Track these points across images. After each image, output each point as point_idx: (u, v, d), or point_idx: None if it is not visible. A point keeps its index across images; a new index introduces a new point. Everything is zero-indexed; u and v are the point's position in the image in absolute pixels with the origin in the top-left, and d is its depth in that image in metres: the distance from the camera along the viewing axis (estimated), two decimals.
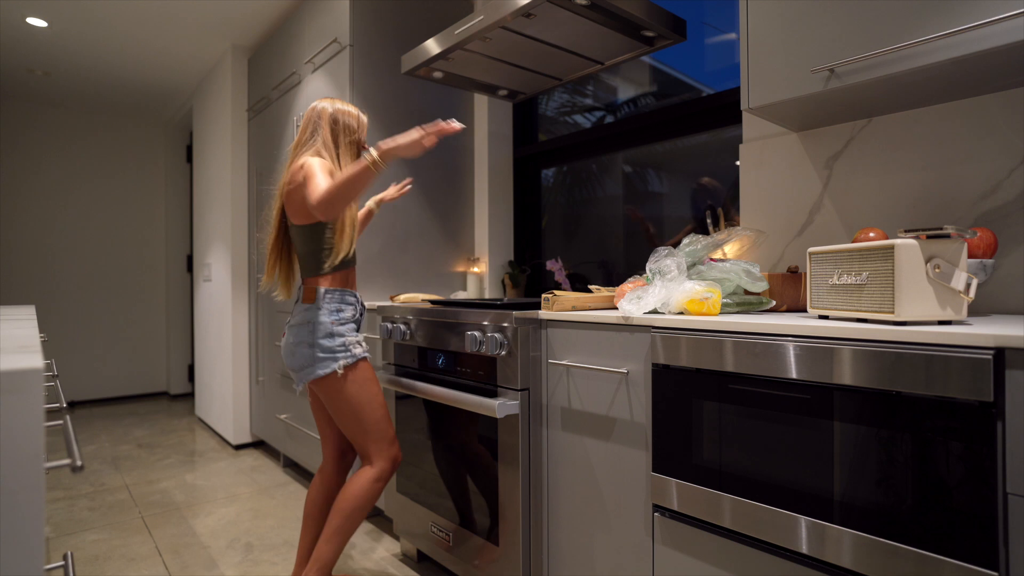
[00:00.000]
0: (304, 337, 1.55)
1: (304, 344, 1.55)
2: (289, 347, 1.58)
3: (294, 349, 1.57)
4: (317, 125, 1.63)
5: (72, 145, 4.59)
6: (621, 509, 1.35)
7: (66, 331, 4.58)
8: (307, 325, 1.56)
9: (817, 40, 1.23)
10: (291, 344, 1.58)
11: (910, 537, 0.89)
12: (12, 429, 0.50)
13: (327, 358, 1.55)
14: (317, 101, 1.68)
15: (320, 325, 1.55)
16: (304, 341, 1.55)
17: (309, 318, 1.56)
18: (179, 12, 2.98)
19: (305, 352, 1.55)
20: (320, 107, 1.65)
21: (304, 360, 1.55)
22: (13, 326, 1.04)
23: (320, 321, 1.55)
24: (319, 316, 1.56)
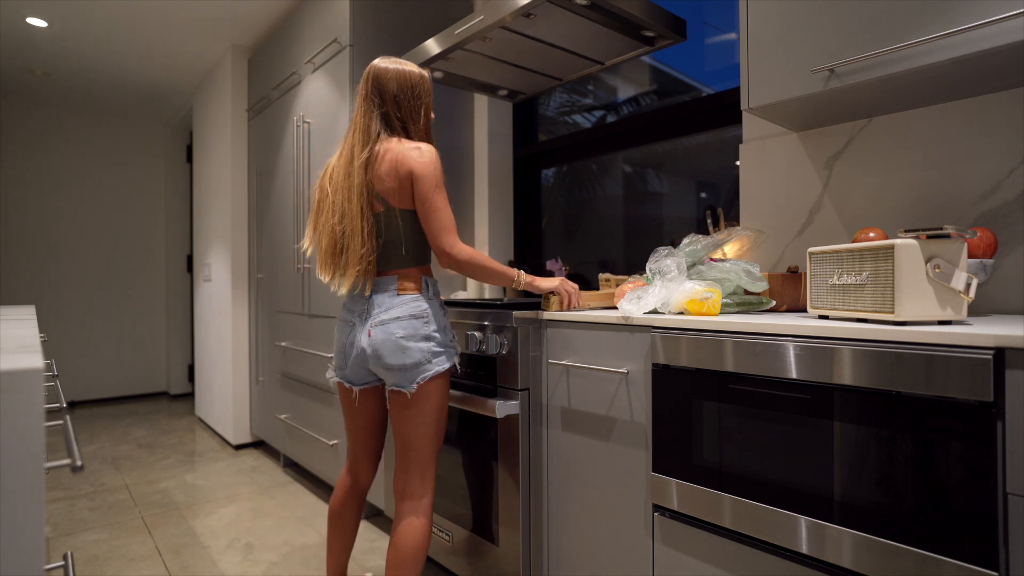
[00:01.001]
0: (419, 329, 1.39)
1: (418, 337, 1.39)
2: (396, 345, 1.38)
3: (406, 345, 1.38)
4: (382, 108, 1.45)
5: (72, 145, 4.59)
6: (621, 509, 1.35)
7: (66, 331, 4.58)
8: (421, 317, 1.40)
9: (817, 40, 1.23)
10: (399, 339, 1.38)
11: (910, 537, 0.89)
12: (12, 429, 0.50)
13: (443, 352, 1.42)
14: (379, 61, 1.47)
15: (436, 316, 1.42)
16: (419, 334, 1.39)
17: (422, 309, 1.41)
18: (179, 12, 2.98)
19: (421, 346, 1.39)
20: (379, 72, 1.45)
21: (421, 355, 1.39)
22: (13, 326, 1.04)
23: (435, 311, 1.43)
24: (433, 306, 1.43)
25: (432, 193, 1.39)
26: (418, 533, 1.41)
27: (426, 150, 1.41)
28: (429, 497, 1.45)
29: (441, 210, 1.40)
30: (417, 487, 1.44)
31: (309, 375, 2.65)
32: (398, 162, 1.40)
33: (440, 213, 1.40)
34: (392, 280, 1.43)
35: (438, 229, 1.40)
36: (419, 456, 1.43)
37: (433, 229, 1.40)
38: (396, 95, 1.46)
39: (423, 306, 1.42)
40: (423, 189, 1.39)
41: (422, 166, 1.39)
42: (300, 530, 2.28)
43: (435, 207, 1.40)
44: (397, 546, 1.40)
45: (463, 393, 1.63)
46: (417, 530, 1.41)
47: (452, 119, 2.58)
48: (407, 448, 1.44)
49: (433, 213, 1.40)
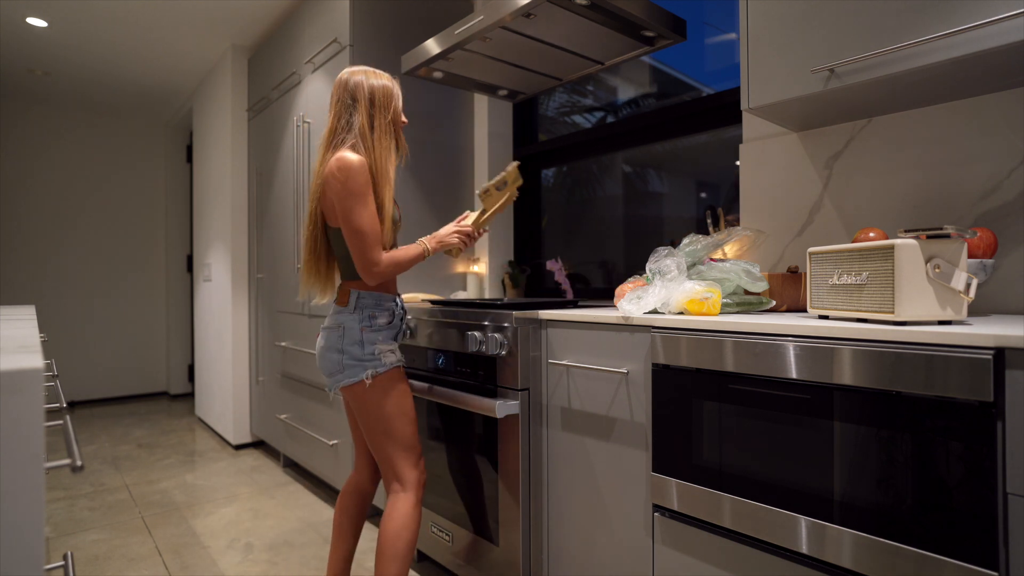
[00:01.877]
0: (333, 342, 1.47)
1: (333, 349, 1.47)
2: (320, 351, 1.51)
3: (324, 354, 1.49)
4: (352, 109, 1.47)
5: (72, 145, 4.59)
6: (621, 509, 1.35)
7: (66, 331, 4.58)
8: (337, 329, 1.48)
9: (817, 40, 1.23)
10: (321, 348, 1.50)
11: (910, 537, 0.89)
12: (12, 429, 0.50)
13: (355, 365, 1.46)
14: (348, 73, 1.50)
15: (349, 331, 1.47)
16: (333, 346, 1.47)
17: (340, 322, 1.48)
18: (179, 12, 2.98)
19: (334, 358, 1.47)
20: (354, 82, 1.48)
21: (333, 366, 1.47)
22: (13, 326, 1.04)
23: (350, 326, 1.47)
24: (349, 321, 1.47)
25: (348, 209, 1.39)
26: (397, 524, 1.45)
27: (344, 162, 1.38)
28: (409, 493, 1.48)
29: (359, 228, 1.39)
30: (393, 483, 1.49)
31: (309, 375, 2.65)
32: (325, 177, 1.43)
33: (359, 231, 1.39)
34: (338, 292, 1.53)
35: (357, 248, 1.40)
36: (380, 454, 1.49)
37: (354, 248, 1.41)
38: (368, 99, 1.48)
39: (340, 320, 1.48)
40: (339, 207, 1.40)
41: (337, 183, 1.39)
42: (300, 530, 2.28)
43: (351, 226, 1.39)
44: (381, 535, 1.47)
45: (463, 393, 1.63)
46: (395, 521, 1.45)
47: (452, 119, 2.58)
48: (371, 445, 1.51)
49: (351, 233, 1.40)
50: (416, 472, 1.50)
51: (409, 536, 1.45)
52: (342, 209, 1.40)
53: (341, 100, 1.49)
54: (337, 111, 1.49)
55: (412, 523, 1.46)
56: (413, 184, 2.44)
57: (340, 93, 1.49)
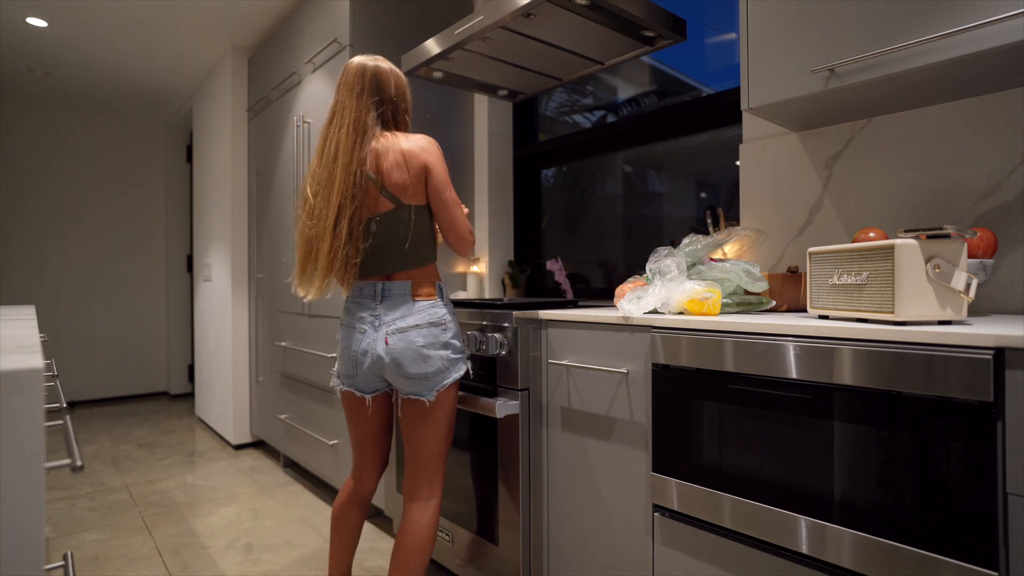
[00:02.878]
0: (437, 337, 1.37)
1: (438, 346, 1.36)
2: (415, 352, 1.35)
3: (426, 352, 1.35)
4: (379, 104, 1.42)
5: (72, 145, 4.59)
6: (621, 509, 1.35)
7: (66, 331, 4.58)
8: (439, 324, 1.37)
9: (817, 40, 1.23)
10: (419, 348, 1.35)
11: (910, 537, 0.89)
12: (12, 429, 0.50)
13: (459, 359, 1.40)
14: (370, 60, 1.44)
15: (451, 323, 1.40)
16: (438, 342, 1.36)
17: (439, 315, 1.37)
18: (179, 12, 2.98)
19: (441, 355, 1.36)
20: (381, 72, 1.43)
21: (442, 363, 1.36)
22: (13, 326, 1.04)
23: (450, 318, 1.40)
24: (447, 313, 1.40)
25: (447, 186, 1.42)
26: (424, 534, 1.40)
27: (433, 143, 1.43)
28: (437, 499, 1.43)
29: (457, 201, 1.44)
30: (425, 490, 1.42)
31: (309, 375, 2.65)
32: (408, 156, 1.37)
33: (457, 204, 1.44)
34: (405, 285, 1.38)
35: (461, 218, 1.43)
36: (430, 461, 1.42)
37: (457, 219, 1.43)
38: (393, 96, 1.46)
39: (441, 313, 1.39)
40: (437, 181, 1.40)
41: (436, 159, 1.41)
42: (300, 530, 2.28)
43: (453, 198, 1.43)
44: (403, 546, 1.39)
45: (463, 393, 1.63)
46: (423, 531, 1.40)
47: (452, 119, 2.58)
48: (419, 454, 1.41)
49: (453, 204, 1.42)
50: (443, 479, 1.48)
51: (433, 544, 1.43)
52: (438, 183, 1.39)
53: (366, 91, 1.41)
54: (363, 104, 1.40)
55: (435, 531, 1.44)
56: None
57: (364, 83, 1.41)
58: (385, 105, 1.45)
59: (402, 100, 1.48)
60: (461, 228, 1.43)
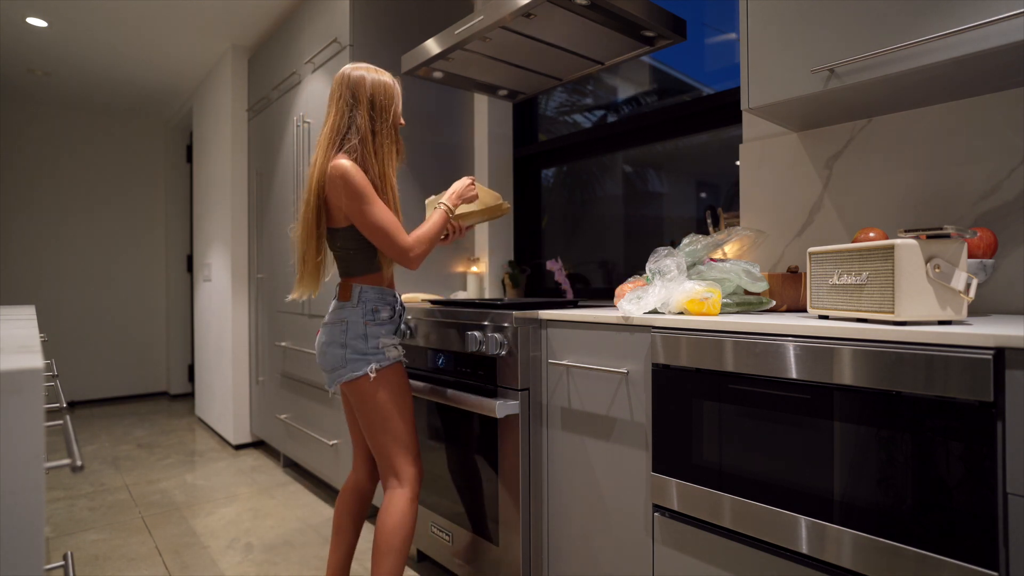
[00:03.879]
0: (336, 337, 1.47)
1: (336, 344, 1.47)
2: (321, 347, 1.50)
3: (325, 349, 1.49)
4: (354, 109, 1.46)
5: (72, 145, 4.59)
6: (621, 509, 1.35)
7: (66, 331, 4.58)
8: (340, 324, 1.47)
9: (817, 40, 1.23)
10: (323, 344, 1.50)
11: (910, 537, 0.89)
12: (12, 429, 0.50)
13: (358, 359, 1.46)
14: (351, 69, 1.49)
15: (353, 324, 1.47)
16: (336, 341, 1.47)
17: (343, 316, 1.48)
18: (179, 12, 2.98)
19: (336, 352, 1.47)
20: (356, 81, 1.47)
21: (335, 361, 1.47)
22: (13, 326, 1.04)
23: (353, 320, 1.47)
24: (353, 315, 1.48)
25: (361, 210, 1.40)
26: (393, 521, 1.45)
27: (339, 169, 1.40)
28: (409, 488, 1.48)
29: (379, 224, 1.41)
30: (390, 477, 1.49)
31: (309, 375, 2.65)
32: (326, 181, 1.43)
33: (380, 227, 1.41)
34: (339, 288, 1.53)
35: (385, 243, 1.42)
36: (378, 448, 1.49)
37: (383, 245, 1.43)
38: (370, 98, 1.47)
39: (343, 315, 1.48)
40: (348, 210, 1.41)
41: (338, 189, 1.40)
42: (300, 530, 2.28)
43: (370, 224, 1.41)
44: (376, 531, 1.46)
45: (463, 393, 1.63)
46: (391, 518, 1.45)
47: (452, 119, 2.58)
48: (369, 441, 1.51)
49: (372, 231, 1.41)
50: (414, 468, 1.50)
51: (406, 532, 1.45)
52: (354, 212, 1.41)
53: (343, 98, 1.47)
54: (339, 109, 1.47)
55: (409, 519, 1.46)
56: (413, 184, 2.44)
57: (342, 90, 1.48)
58: (360, 109, 1.46)
59: (379, 110, 1.48)
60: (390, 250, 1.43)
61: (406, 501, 1.47)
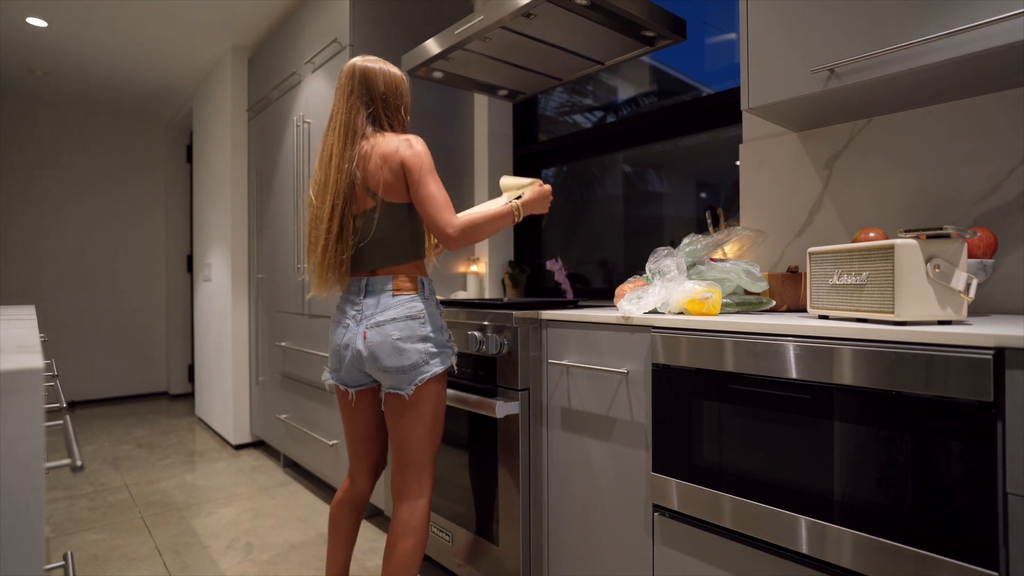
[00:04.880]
0: (416, 330, 1.37)
1: (416, 339, 1.36)
2: (393, 346, 1.36)
3: (403, 346, 1.35)
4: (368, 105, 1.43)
5: (72, 145, 4.59)
6: (621, 509, 1.35)
7: (66, 331, 4.58)
8: (418, 317, 1.37)
9: (817, 40, 1.23)
10: (395, 341, 1.35)
11: (910, 537, 0.89)
12: (12, 429, 0.50)
13: (441, 353, 1.39)
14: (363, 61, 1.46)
15: (432, 316, 1.40)
16: (416, 335, 1.36)
17: (419, 308, 1.38)
18: (179, 12, 2.98)
19: (418, 348, 1.36)
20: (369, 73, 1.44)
21: (419, 357, 1.36)
22: (13, 326, 1.04)
23: (431, 311, 1.40)
24: (428, 306, 1.40)
25: (425, 179, 1.37)
26: (414, 534, 1.39)
27: (415, 140, 1.40)
28: (426, 498, 1.42)
29: (435, 194, 1.36)
30: (413, 488, 1.41)
31: (309, 375, 2.65)
32: (388, 155, 1.39)
33: (435, 197, 1.36)
34: (387, 280, 1.40)
35: (435, 212, 1.35)
36: (415, 458, 1.41)
37: (430, 213, 1.35)
38: (383, 94, 1.45)
39: (419, 306, 1.39)
40: (415, 177, 1.37)
41: (413, 155, 1.38)
42: (300, 530, 2.28)
43: (429, 192, 1.36)
44: (393, 545, 1.39)
45: (463, 393, 1.63)
46: (412, 531, 1.39)
47: (452, 119, 2.58)
48: (403, 450, 1.41)
49: (428, 199, 1.36)
50: (433, 478, 1.46)
51: (421, 551, 1.41)
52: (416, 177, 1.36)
53: (355, 93, 1.44)
54: (351, 104, 1.43)
55: (427, 530, 1.42)
56: None
57: (354, 85, 1.44)
58: (375, 104, 1.44)
59: (394, 98, 1.46)
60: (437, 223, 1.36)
61: (427, 514, 1.42)
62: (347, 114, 1.43)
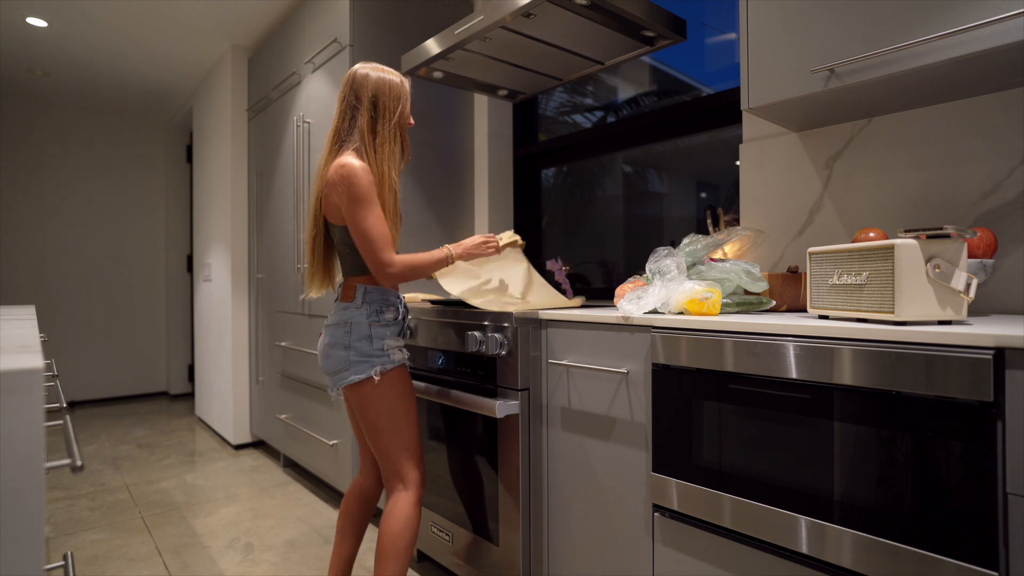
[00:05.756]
0: (340, 338, 1.44)
1: (339, 346, 1.43)
2: (323, 349, 1.47)
3: (328, 351, 1.45)
4: (356, 110, 1.46)
5: (72, 145, 4.59)
6: (621, 509, 1.35)
7: (66, 331, 4.58)
8: (344, 326, 1.44)
9: (817, 40, 1.23)
10: (325, 346, 1.46)
11: (910, 537, 0.89)
12: (12, 429, 0.50)
13: (362, 362, 1.43)
14: (360, 68, 1.48)
15: (357, 326, 1.44)
16: (339, 343, 1.44)
17: (347, 318, 1.45)
18: (179, 12, 2.98)
19: (340, 355, 1.43)
20: (360, 81, 1.46)
21: (338, 363, 1.44)
22: (13, 326, 1.04)
23: (357, 321, 1.44)
24: (357, 316, 1.44)
25: (354, 214, 1.38)
26: (397, 524, 1.43)
27: (347, 169, 1.38)
28: (412, 491, 1.46)
29: (367, 232, 1.38)
30: (393, 480, 1.47)
31: (309, 375, 2.65)
32: (328, 180, 1.43)
33: (367, 235, 1.38)
34: (342, 288, 1.50)
35: (373, 250, 1.38)
36: (381, 452, 1.47)
37: (364, 252, 1.39)
38: (373, 98, 1.46)
39: (347, 315, 1.45)
40: (345, 211, 1.40)
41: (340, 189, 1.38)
42: (300, 530, 2.28)
43: (359, 230, 1.38)
44: (380, 535, 1.45)
45: (463, 393, 1.63)
46: (395, 521, 1.43)
47: (452, 119, 2.58)
48: (372, 445, 1.48)
49: (359, 237, 1.38)
50: (418, 472, 1.48)
51: (410, 536, 1.44)
52: (348, 215, 1.39)
53: (346, 99, 1.47)
54: (342, 110, 1.48)
55: (413, 522, 1.45)
56: (413, 184, 2.44)
57: (346, 91, 1.48)
58: (361, 111, 1.46)
59: (383, 109, 1.47)
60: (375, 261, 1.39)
61: (410, 505, 1.45)
62: (339, 120, 1.48)
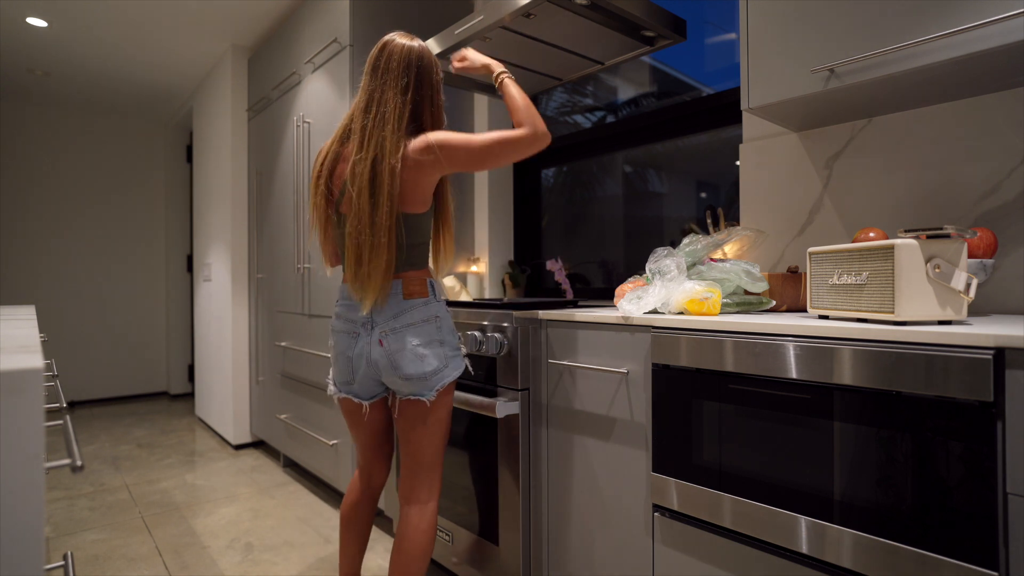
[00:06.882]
0: (433, 335, 1.32)
1: (434, 343, 1.32)
2: (411, 353, 1.30)
3: (420, 351, 1.30)
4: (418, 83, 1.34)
5: (72, 145, 4.59)
6: (621, 509, 1.35)
7: (66, 331, 4.58)
8: (433, 321, 1.32)
9: (817, 40, 1.23)
10: (414, 347, 1.30)
11: (910, 537, 0.89)
12: (12, 429, 0.50)
13: (456, 356, 1.36)
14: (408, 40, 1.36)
15: (445, 319, 1.35)
16: (433, 340, 1.32)
17: (434, 312, 1.33)
18: (179, 12, 2.98)
19: (437, 352, 1.32)
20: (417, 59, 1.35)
21: (439, 362, 1.32)
22: (13, 326, 1.04)
23: (443, 315, 1.35)
24: (440, 309, 1.35)
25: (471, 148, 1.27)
26: (423, 537, 1.37)
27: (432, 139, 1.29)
28: (435, 501, 1.41)
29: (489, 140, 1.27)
30: (424, 492, 1.39)
31: (309, 375, 2.65)
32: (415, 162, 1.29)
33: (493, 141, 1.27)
34: (396, 284, 1.32)
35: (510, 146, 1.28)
36: (428, 463, 1.39)
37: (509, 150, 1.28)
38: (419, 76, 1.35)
39: (433, 310, 1.34)
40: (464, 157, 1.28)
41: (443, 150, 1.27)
42: (300, 530, 2.28)
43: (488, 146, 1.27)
44: (403, 551, 1.36)
45: (463, 393, 1.63)
46: (422, 534, 1.37)
47: (452, 119, 2.58)
48: (417, 455, 1.38)
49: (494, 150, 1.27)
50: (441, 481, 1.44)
51: (429, 553, 1.40)
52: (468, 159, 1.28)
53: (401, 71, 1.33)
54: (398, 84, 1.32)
55: (433, 541, 1.40)
56: None
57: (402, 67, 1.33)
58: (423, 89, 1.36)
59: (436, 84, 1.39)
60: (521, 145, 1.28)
61: (434, 516, 1.40)
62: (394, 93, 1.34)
